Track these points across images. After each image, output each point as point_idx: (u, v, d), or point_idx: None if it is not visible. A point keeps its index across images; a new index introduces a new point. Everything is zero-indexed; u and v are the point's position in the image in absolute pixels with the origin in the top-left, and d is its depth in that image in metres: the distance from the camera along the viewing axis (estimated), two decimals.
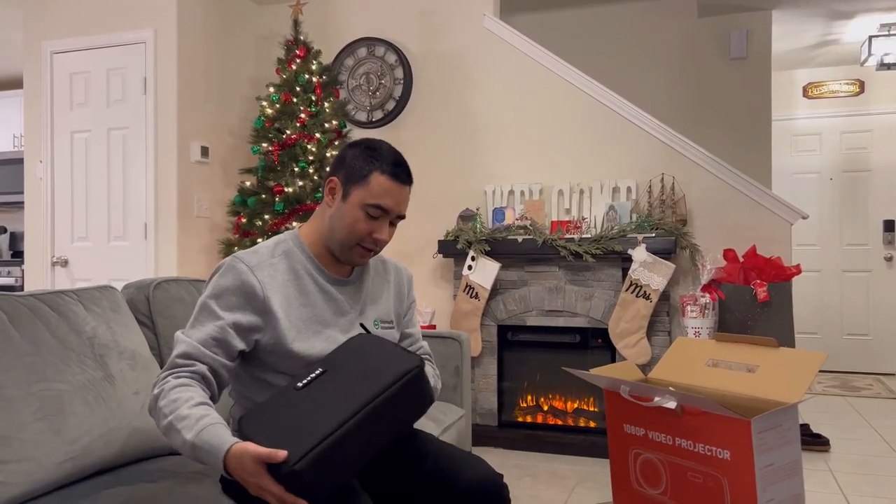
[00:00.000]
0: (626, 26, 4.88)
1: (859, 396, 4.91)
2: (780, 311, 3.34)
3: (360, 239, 1.51)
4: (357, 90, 4.28)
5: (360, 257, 1.54)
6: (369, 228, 1.50)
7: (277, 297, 1.47)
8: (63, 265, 4.15)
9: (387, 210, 1.50)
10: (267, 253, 1.52)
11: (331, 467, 1.23)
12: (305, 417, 1.28)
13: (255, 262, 1.48)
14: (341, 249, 1.53)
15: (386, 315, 1.65)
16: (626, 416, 1.24)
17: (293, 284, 1.51)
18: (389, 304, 1.68)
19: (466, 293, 3.74)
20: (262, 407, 1.37)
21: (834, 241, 5.96)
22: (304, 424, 1.26)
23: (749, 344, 1.24)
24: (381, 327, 1.63)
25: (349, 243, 1.51)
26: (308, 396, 1.33)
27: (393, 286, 1.70)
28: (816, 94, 6.05)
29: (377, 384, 1.30)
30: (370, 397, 1.27)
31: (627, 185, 3.68)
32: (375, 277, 1.67)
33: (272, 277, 1.48)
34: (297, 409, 1.31)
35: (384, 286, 1.68)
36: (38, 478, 1.41)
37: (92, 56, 4.10)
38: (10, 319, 1.51)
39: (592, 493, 2.97)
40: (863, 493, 2.94)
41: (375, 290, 1.66)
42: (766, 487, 1.06)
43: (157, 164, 3.95)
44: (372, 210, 1.49)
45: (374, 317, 1.62)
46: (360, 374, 1.33)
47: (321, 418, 1.26)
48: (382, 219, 1.51)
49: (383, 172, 1.49)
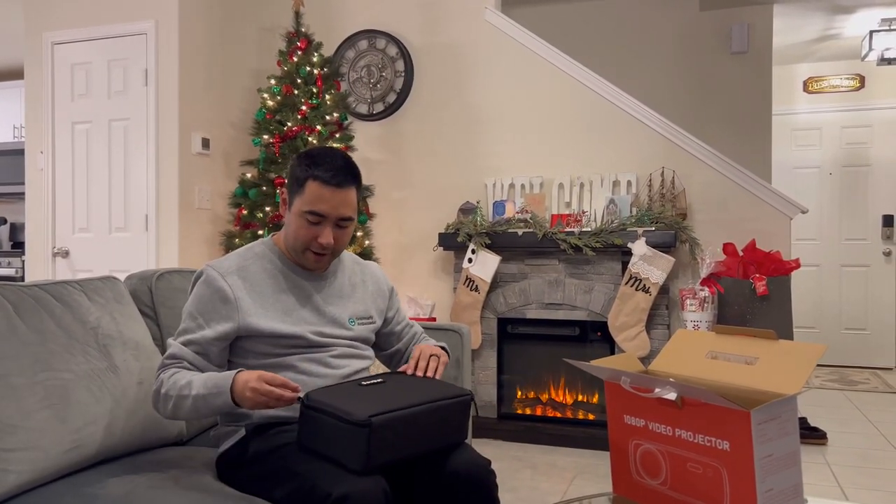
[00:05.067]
0: (627, 20, 4.88)
1: (857, 390, 4.94)
2: (779, 305, 3.35)
3: (306, 245, 1.59)
4: (358, 82, 4.27)
5: (314, 262, 1.62)
6: (312, 234, 1.57)
7: (247, 295, 1.57)
8: (64, 256, 4.16)
9: (323, 215, 1.56)
10: (238, 258, 1.62)
11: (389, 438, 1.33)
12: (376, 396, 1.41)
13: (225, 267, 1.59)
14: (295, 255, 1.62)
15: (363, 312, 1.73)
16: (627, 408, 1.26)
17: (265, 282, 1.61)
18: (367, 301, 1.75)
19: (467, 286, 3.75)
20: (327, 388, 1.45)
21: (833, 235, 5.97)
22: (376, 398, 1.39)
23: (748, 336, 1.25)
24: (359, 323, 1.71)
25: (299, 249, 1.60)
26: (374, 389, 1.46)
27: (370, 284, 1.78)
28: (817, 88, 6.05)
29: (441, 391, 1.47)
30: (435, 398, 1.44)
31: (628, 179, 3.69)
32: (352, 276, 1.75)
33: (243, 279, 1.58)
34: (365, 392, 1.43)
35: (360, 285, 1.76)
36: (43, 465, 1.42)
37: (93, 47, 4.09)
38: (15, 309, 1.51)
39: (591, 484, 2.99)
40: (859, 486, 2.96)
41: (350, 287, 1.73)
42: (765, 478, 1.07)
43: (159, 156, 3.95)
44: (310, 217, 1.56)
45: (350, 314, 1.69)
46: (421, 385, 1.50)
47: (393, 398, 1.40)
48: (323, 224, 1.57)
49: (316, 179, 1.55)
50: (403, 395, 1.42)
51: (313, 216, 1.55)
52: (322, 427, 1.37)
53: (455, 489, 1.46)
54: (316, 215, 1.55)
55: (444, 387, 1.50)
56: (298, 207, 1.57)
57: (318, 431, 1.38)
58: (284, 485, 1.40)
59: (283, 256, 1.65)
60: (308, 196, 1.55)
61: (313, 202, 1.55)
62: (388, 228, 4.20)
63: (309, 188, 1.55)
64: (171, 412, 1.49)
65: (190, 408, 1.46)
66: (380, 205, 4.18)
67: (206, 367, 1.54)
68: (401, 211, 4.19)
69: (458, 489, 1.46)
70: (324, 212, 1.55)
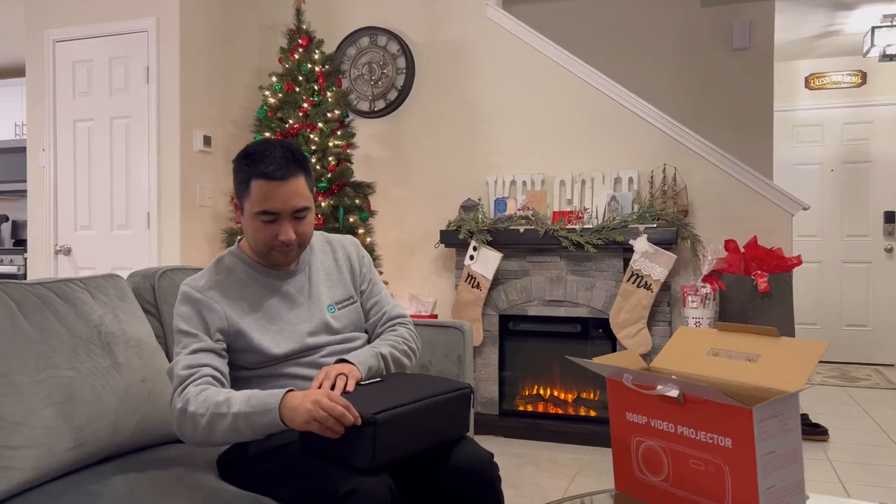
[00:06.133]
0: (628, 16, 4.87)
1: (858, 387, 4.94)
2: (781, 301, 3.35)
3: (269, 245, 1.54)
4: (359, 80, 4.27)
5: (282, 257, 1.58)
6: (271, 233, 1.52)
7: (233, 308, 1.54)
8: (66, 254, 4.16)
9: (275, 212, 1.50)
10: (210, 274, 1.58)
11: (394, 434, 1.34)
12: (378, 394, 1.41)
13: (203, 283, 1.55)
14: (262, 257, 1.59)
15: (342, 295, 1.68)
16: (629, 405, 1.26)
17: (243, 293, 1.57)
18: (345, 280, 1.71)
19: (468, 283, 3.75)
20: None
21: (834, 232, 5.97)
22: (378, 396, 1.40)
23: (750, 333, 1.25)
24: (339, 308, 1.66)
25: (263, 251, 1.56)
26: (374, 387, 1.47)
27: (343, 262, 1.73)
28: (818, 84, 6.04)
29: (441, 386, 1.48)
30: (436, 392, 1.45)
31: (629, 176, 3.69)
32: (324, 259, 1.70)
33: (223, 293, 1.55)
34: (367, 391, 1.43)
35: (334, 265, 1.71)
36: (47, 463, 1.43)
37: (94, 44, 4.09)
38: (18, 308, 1.52)
39: (593, 481, 2.99)
40: (861, 482, 2.97)
41: (326, 272, 1.69)
42: (766, 475, 1.07)
43: (160, 153, 3.96)
44: (263, 217, 1.51)
45: (329, 302, 1.65)
46: (420, 381, 1.52)
47: (395, 395, 1.40)
48: (279, 220, 1.52)
49: (259, 177, 1.49)
50: (404, 392, 1.43)
51: (266, 215, 1.50)
52: None
53: (459, 483, 1.46)
54: (268, 213, 1.50)
55: (443, 382, 1.52)
56: (249, 210, 1.51)
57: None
58: (289, 484, 1.40)
59: (253, 262, 1.61)
60: (255, 196, 1.49)
61: (262, 201, 1.49)
62: (390, 226, 4.20)
63: (254, 188, 1.49)
64: (203, 434, 1.38)
65: (228, 428, 1.36)
66: (381, 202, 4.19)
67: (225, 368, 1.50)
68: (402, 208, 4.19)
69: (462, 483, 1.46)
70: (275, 209, 1.49)
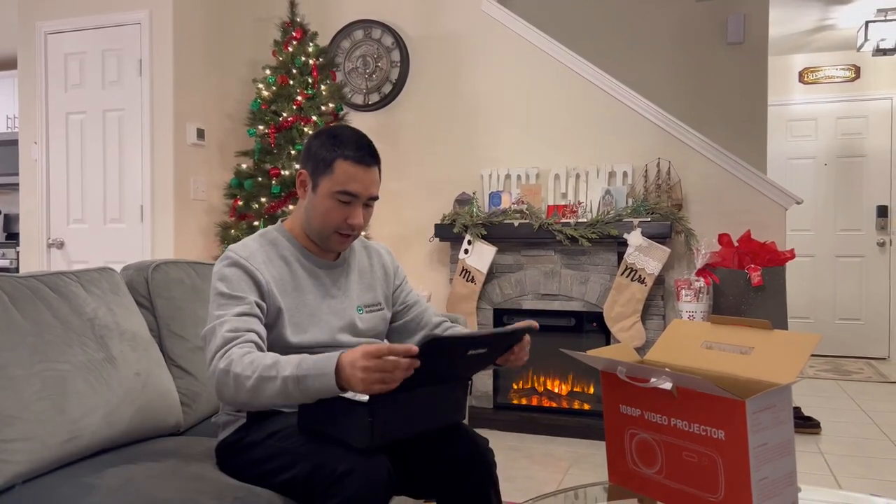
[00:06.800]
0: (623, 10, 4.86)
1: (851, 380, 4.97)
2: (774, 295, 3.37)
3: (336, 227, 1.56)
4: (354, 73, 4.26)
5: (339, 244, 1.60)
6: (343, 215, 1.54)
7: (274, 283, 1.53)
8: (59, 247, 4.15)
9: (356, 195, 1.53)
10: (255, 245, 1.57)
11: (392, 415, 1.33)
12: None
13: (248, 253, 1.54)
14: (320, 238, 1.59)
15: (371, 299, 1.70)
16: (623, 397, 1.26)
17: (284, 270, 1.57)
18: (375, 286, 1.72)
19: (463, 277, 3.76)
20: None
21: (828, 226, 5.99)
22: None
23: (743, 326, 1.26)
24: (367, 311, 1.68)
25: (326, 232, 1.57)
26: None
27: (377, 268, 1.75)
28: (812, 79, 6.05)
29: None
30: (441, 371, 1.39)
31: (624, 170, 3.69)
32: (361, 261, 1.73)
33: (266, 265, 1.54)
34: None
35: (369, 269, 1.73)
36: (41, 456, 1.43)
37: (87, 37, 4.07)
38: (12, 301, 1.51)
39: (587, 473, 3.01)
40: (853, 475, 2.99)
41: (363, 275, 1.71)
42: (759, 466, 1.08)
43: (153, 147, 3.94)
44: (342, 196, 1.53)
45: (359, 303, 1.66)
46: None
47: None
48: (354, 204, 1.55)
49: (346, 158, 1.52)
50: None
51: (346, 196, 1.52)
52: (324, 407, 1.38)
53: (455, 468, 1.48)
54: (348, 195, 1.52)
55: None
56: (328, 188, 1.52)
57: (321, 411, 1.39)
58: (287, 467, 1.40)
59: (297, 243, 1.62)
60: (339, 176, 1.51)
61: (345, 182, 1.51)
62: (385, 219, 4.19)
63: (339, 168, 1.51)
64: (247, 395, 1.33)
65: (277, 391, 1.30)
66: None
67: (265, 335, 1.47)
68: (397, 202, 4.18)
69: (458, 468, 1.48)
70: (356, 191, 1.52)
